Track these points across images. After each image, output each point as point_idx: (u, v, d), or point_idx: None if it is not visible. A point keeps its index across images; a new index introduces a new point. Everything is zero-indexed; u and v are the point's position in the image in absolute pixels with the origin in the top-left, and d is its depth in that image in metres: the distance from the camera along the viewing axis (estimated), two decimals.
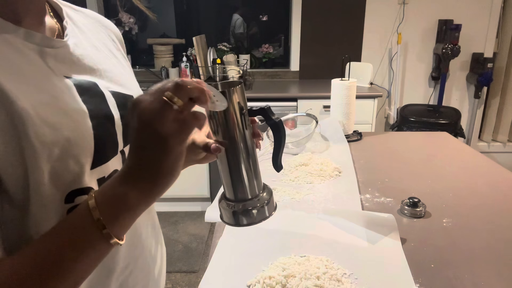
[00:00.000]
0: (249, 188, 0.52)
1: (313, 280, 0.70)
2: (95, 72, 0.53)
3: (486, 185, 1.14)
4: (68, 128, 0.44)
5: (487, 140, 3.40)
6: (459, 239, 0.86)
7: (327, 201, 1.04)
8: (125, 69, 0.62)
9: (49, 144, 0.41)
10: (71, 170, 0.44)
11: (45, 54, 0.46)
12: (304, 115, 1.56)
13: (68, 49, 0.50)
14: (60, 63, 0.48)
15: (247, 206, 0.52)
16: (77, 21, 0.57)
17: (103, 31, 0.62)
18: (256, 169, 0.53)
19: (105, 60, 0.57)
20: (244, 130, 0.50)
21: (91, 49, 0.55)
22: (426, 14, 3.05)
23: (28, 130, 0.39)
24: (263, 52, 3.31)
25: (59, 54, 0.48)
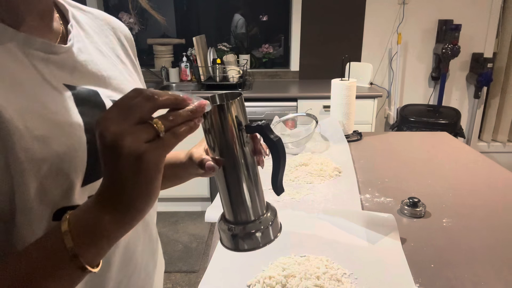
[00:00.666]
0: (250, 209, 0.48)
1: (313, 280, 0.70)
2: (99, 80, 0.51)
3: (486, 185, 1.14)
4: (59, 143, 0.41)
5: (487, 140, 3.40)
6: (459, 239, 0.86)
7: (327, 201, 1.04)
8: (132, 75, 0.60)
9: (38, 160, 0.39)
10: (60, 187, 0.42)
11: (45, 61, 0.44)
12: (304, 115, 1.56)
13: (71, 55, 0.48)
14: (60, 70, 0.46)
15: (248, 229, 0.47)
16: (84, 23, 0.55)
17: (111, 34, 0.59)
18: (258, 188, 0.49)
19: (110, 66, 0.54)
20: (242, 147, 0.46)
21: (96, 55, 0.53)
22: (426, 14, 3.05)
23: (15, 145, 0.37)
24: (263, 52, 3.31)
25: (61, 61, 0.46)
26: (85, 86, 0.48)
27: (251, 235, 0.47)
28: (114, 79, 0.53)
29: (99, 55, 0.54)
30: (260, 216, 0.49)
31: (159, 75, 3.15)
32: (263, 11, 3.35)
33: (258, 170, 0.49)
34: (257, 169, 0.49)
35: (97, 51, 0.54)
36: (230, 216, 0.48)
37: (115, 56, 0.57)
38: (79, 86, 0.47)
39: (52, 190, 0.41)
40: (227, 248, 0.49)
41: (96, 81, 0.50)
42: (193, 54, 3.09)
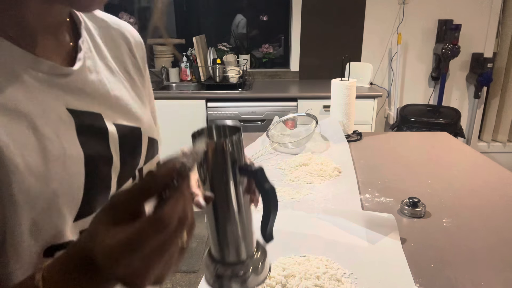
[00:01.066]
0: (238, 250, 0.45)
1: (313, 280, 0.70)
2: (105, 100, 0.49)
3: (486, 185, 1.14)
4: (57, 179, 0.40)
5: (487, 140, 3.40)
6: (459, 239, 0.86)
7: (327, 201, 1.04)
8: (140, 93, 0.58)
9: (33, 197, 0.37)
10: (53, 223, 0.40)
11: (51, 84, 0.42)
12: (304, 115, 1.56)
13: (79, 77, 0.46)
14: (66, 93, 0.44)
15: (234, 270, 0.44)
16: (96, 35, 0.53)
17: (123, 44, 0.57)
18: (248, 228, 0.45)
19: (118, 85, 0.52)
20: (235, 186, 0.43)
21: (105, 72, 0.51)
22: (426, 14, 3.05)
23: (12, 182, 0.36)
24: (263, 52, 3.31)
25: (67, 84, 0.44)
26: (89, 110, 0.46)
27: (237, 277, 0.44)
28: (121, 99, 0.51)
29: (108, 72, 0.52)
30: (248, 258, 0.45)
31: (159, 75, 3.15)
32: (263, 11, 3.35)
33: (250, 209, 0.46)
34: (250, 208, 0.46)
35: (106, 68, 0.52)
36: (217, 254, 0.45)
37: (123, 71, 0.56)
38: (83, 110, 0.45)
39: (45, 225, 0.39)
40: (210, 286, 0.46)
41: (102, 102, 0.48)
42: (193, 54, 3.09)
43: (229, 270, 0.44)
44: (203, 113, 2.68)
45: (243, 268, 0.45)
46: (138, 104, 0.56)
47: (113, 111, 0.50)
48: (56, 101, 0.43)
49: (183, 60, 3.09)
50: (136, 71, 0.59)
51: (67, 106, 0.44)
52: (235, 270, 0.45)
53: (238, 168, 0.42)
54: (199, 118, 2.67)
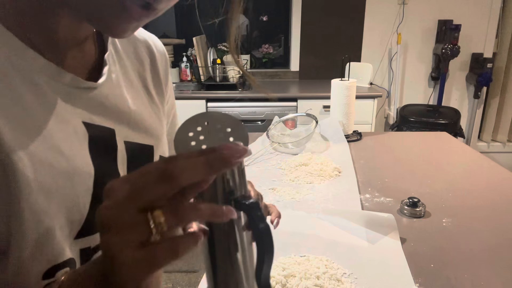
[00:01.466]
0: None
1: (313, 279, 0.70)
2: (122, 115, 0.48)
3: (486, 185, 1.14)
4: (64, 196, 0.39)
5: (487, 140, 3.40)
6: (459, 239, 0.86)
7: (327, 201, 1.04)
8: (157, 110, 0.56)
9: (40, 212, 0.37)
10: (56, 242, 0.39)
11: (71, 97, 0.42)
12: (304, 115, 1.56)
13: (100, 91, 0.45)
14: (85, 106, 0.43)
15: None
16: (121, 48, 0.52)
17: (146, 57, 0.56)
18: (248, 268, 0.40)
19: (137, 101, 0.52)
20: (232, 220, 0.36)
21: (127, 88, 0.50)
22: (426, 14, 3.06)
23: (22, 197, 0.35)
24: (263, 52, 3.31)
25: (88, 97, 0.44)
26: (102, 125, 0.45)
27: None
28: (138, 114, 0.51)
29: (129, 87, 0.51)
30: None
31: None
32: (263, 11, 3.36)
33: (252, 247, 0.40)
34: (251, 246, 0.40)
35: (128, 83, 0.51)
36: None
37: (143, 87, 0.55)
38: (97, 124, 0.45)
39: (48, 244, 0.38)
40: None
41: (119, 117, 0.48)
42: (193, 54, 3.09)
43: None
44: None
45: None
46: (155, 121, 0.55)
47: (129, 127, 0.49)
48: (73, 114, 0.42)
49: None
50: (156, 87, 0.58)
51: (83, 119, 0.43)
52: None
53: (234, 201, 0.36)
54: None
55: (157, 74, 0.58)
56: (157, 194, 0.27)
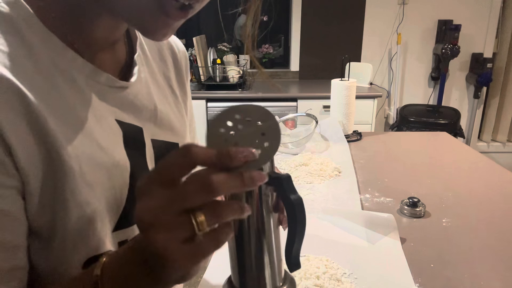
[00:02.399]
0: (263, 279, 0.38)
1: (313, 279, 0.70)
2: (149, 114, 0.50)
3: (486, 185, 1.14)
4: (104, 188, 0.41)
5: (487, 140, 3.40)
6: (459, 239, 0.86)
7: (327, 201, 1.04)
8: (179, 107, 0.59)
9: (83, 203, 0.39)
10: (97, 233, 0.41)
11: (105, 94, 0.44)
12: (304, 115, 1.56)
13: (131, 90, 0.48)
14: (118, 105, 0.46)
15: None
16: (147, 49, 0.55)
17: (169, 58, 0.59)
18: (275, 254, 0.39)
19: (163, 100, 0.54)
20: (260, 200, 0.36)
21: (153, 87, 0.53)
22: (425, 15, 3.06)
23: (66, 186, 0.37)
24: (263, 52, 3.31)
25: (120, 96, 0.46)
26: (132, 123, 0.48)
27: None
28: (164, 113, 0.53)
29: (155, 86, 0.53)
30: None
31: None
32: (263, 11, 3.35)
33: (279, 232, 0.39)
34: (278, 230, 0.39)
35: (154, 82, 0.53)
36: (237, 283, 0.39)
37: (168, 86, 0.57)
38: (129, 123, 0.47)
39: (89, 235, 0.40)
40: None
41: (147, 116, 0.50)
42: (193, 54, 3.09)
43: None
44: (203, 113, 2.68)
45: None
46: (179, 119, 0.57)
47: (155, 126, 0.51)
48: (108, 112, 0.44)
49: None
50: (179, 85, 0.60)
51: (116, 117, 0.45)
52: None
53: None
54: (199, 118, 2.67)
55: (180, 73, 0.60)
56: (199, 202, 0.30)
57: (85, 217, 0.39)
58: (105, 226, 0.42)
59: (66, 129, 0.38)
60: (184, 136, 0.57)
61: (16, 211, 0.36)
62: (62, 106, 0.39)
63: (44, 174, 0.36)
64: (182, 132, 0.57)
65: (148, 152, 0.49)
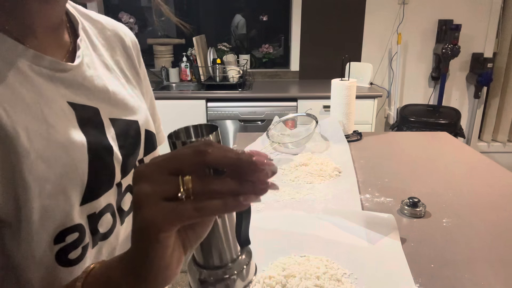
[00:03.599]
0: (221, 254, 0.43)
1: (313, 280, 0.70)
2: (103, 95, 0.51)
3: (486, 185, 1.14)
4: (62, 163, 0.42)
5: (487, 140, 3.40)
6: (459, 239, 0.86)
7: (327, 201, 1.04)
8: (135, 89, 0.60)
9: (42, 179, 0.40)
10: (61, 207, 0.42)
11: (52, 79, 0.45)
12: (304, 115, 1.56)
13: (78, 72, 0.48)
14: (67, 87, 0.46)
15: (218, 275, 0.43)
16: (92, 35, 0.55)
17: (118, 45, 0.60)
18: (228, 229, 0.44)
19: (114, 81, 0.55)
20: None
21: (102, 70, 0.54)
22: (426, 14, 3.06)
23: (22, 164, 0.38)
24: (263, 52, 3.31)
25: (67, 78, 0.47)
26: (87, 104, 0.48)
27: (221, 282, 0.42)
28: (118, 94, 0.54)
29: (105, 69, 0.54)
30: (232, 261, 0.43)
31: (159, 75, 3.15)
32: (263, 11, 3.36)
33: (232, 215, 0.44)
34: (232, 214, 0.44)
35: (103, 65, 0.54)
36: (200, 259, 0.44)
37: (119, 70, 0.58)
38: (82, 104, 0.48)
39: (54, 210, 0.41)
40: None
41: (100, 97, 0.51)
42: (193, 54, 3.09)
43: (213, 275, 0.43)
44: (203, 113, 2.68)
45: (227, 272, 0.43)
46: (134, 98, 0.58)
47: (111, 106, 0.52)
48: (58, 95, 0.45)
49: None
50: (131, 69, 0.62)
51: (67, 99, 0.46)
52: (219, 274, 0.43)
53: None
54: (199, 118, 2.68)
55: (131, 57, 0.62)
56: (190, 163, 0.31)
57: (45, 193, 0.40)
58: (70, 200, 0.43)
59: (14, 113, 0.39)
60: (142, 114, 0.58)
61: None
62: (7, 93, 0.39)
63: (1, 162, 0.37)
64: (140, 110, 0.58)
65: (108, 130, 0.50)
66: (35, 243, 0.41)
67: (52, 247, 0.42)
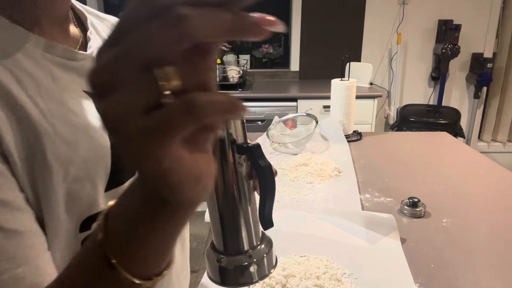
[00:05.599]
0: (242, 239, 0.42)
1: (313, 280, 0.70)
2: None
3: (486, 185, 1.14)
4: (85, 147, 0.42)
5: (487, 140, 3.40)
6: (459, 239, 0.86)
7: (327, 201, 1.04)
8: None
9: (66, 163, 0.39)
10: (87, 193, 0.42)
11: (66, 67, 0.45)
12: (304, 115, 1.56)
13: (90, 62, 0.49)
14: (80, 76, 0.46)
15: (237, 261, 0.42)
16: (101, 31, 0.56)
17: None
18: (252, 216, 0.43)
19: None
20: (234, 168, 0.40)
21: None
22: (426, 14, 3.05)
23: (45, 147, 0.38)
24: (263, 52, 3.31)
25: (81, 67, 0.47)
26: None
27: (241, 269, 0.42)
28: None
29: None
30: (253, 248, 0.43)
31: None
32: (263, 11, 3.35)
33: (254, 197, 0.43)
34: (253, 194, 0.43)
35: None
36: (220, 245, 0.43)
37: None
38: None
39: (79, 195, 0.41)
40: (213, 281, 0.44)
41: None
42: None
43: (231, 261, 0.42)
44: None
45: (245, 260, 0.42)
46: None
47: None
48: (74, 83, 0.45)
49: None
50: None
51: (82, 88, 0.46)
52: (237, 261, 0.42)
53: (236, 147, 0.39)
54: None
55: None
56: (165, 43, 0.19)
57: (70, 176, 0.40)
58: (95, 186, 0.43)
59: (33, 94, 0.39)
60: None
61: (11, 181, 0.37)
62: (23, 75, 0.39)
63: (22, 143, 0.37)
64: None
65: None
66: (61, 232, 0.40)
67: (78, 235, 0.42)
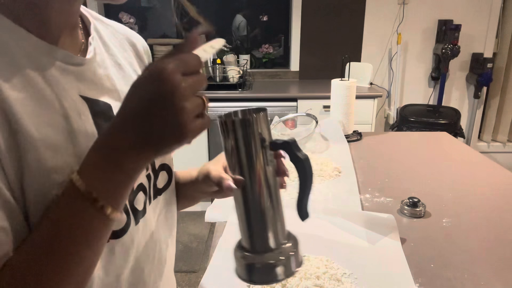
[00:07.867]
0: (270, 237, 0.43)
1: (313, 279, 0.70)
2: (113, 93, 0.51)
3: (486, 185, 1.14)
4: (70, 153, 0.42)
5: (487, 140, 3.40)
6: (459, 239, 0.86)
7: (327, 201, 1.04)
8: None
9: (49, 169, 0.40)
10: None
11: (65, 71, 0.45)
12: (304, 115, 1.56)
13: (90, 68, 0.49)
14: (78, 81, 0.47)
15: (265, 259, 0.43)
16: (105, 36, 0.56)
17: (130, 48, 0.61)
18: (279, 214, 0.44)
19: (126, 81, 0.55)
20: (265, 166, 0.42)
21: (114, 68, 0.54)
22: (426, 14, 3.05)
23: (28, 154, 0.38)
24: (263, 52, 3.31)
25: (80, 72, 0.47)
26: (100, 99, 0.49)
27: (269, 266, 0.42)
28: None
29: (116, 68, 0.55)
30: (280, 246, 0.43)
31: None
32: (263, 11, 3.35)
33: (280, 193, 0.44)
34: (280, 192, 0.45)
35: (115, 65, 0.55)
36: (247, 243, 0.44)
37: (132, 70, 0.58)
38: (95, 98, 0.48)
39: None
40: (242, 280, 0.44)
41: (110, 94, 0.51)
42: None
43: (259, 259, 0.43)
44: None
45: (273, 257, 0.43)
46: None
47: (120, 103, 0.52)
48: (71, 88, 0.45)
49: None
50: None
51: (80, 93, 0.46)
52: (265, 258, 0.42)
53: (268, 144, 0.42)
54: None
55: (142, 61, 0.63)
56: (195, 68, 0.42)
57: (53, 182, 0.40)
58: None
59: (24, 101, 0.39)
60: None
61: None
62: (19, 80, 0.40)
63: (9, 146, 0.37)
64: None
65: None
66: None
67: None
